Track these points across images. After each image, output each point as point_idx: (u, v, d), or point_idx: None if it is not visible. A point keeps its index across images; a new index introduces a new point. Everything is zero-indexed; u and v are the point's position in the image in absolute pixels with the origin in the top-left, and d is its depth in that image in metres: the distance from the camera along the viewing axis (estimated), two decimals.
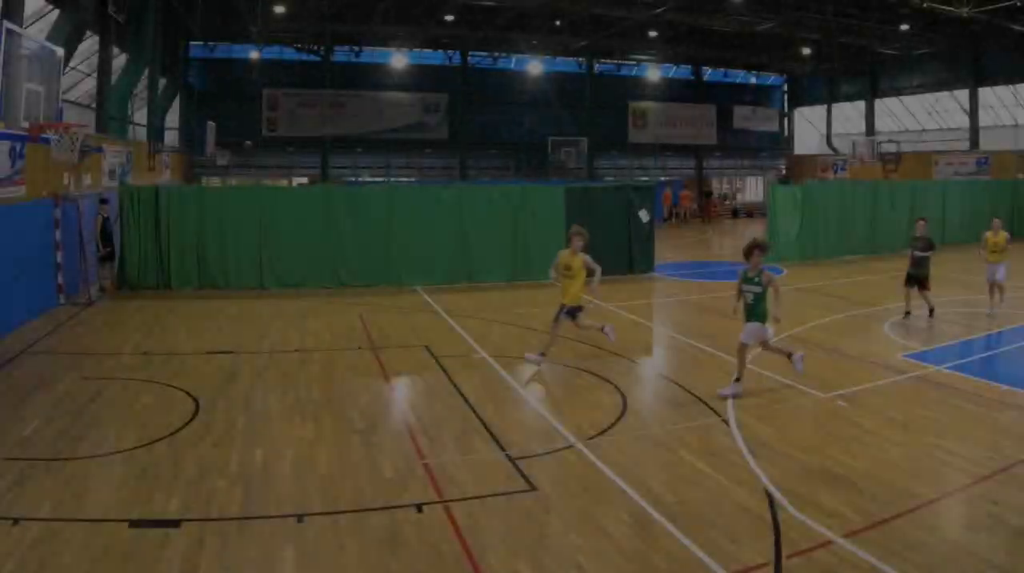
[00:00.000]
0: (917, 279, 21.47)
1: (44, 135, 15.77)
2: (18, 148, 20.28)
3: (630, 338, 19.69)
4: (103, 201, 26.27)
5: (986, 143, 53.32)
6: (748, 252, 14.68)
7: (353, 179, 58.14)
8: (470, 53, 60.51)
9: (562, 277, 16.68)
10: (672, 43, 57.02)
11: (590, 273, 16.48)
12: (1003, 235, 22.32)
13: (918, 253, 21.49)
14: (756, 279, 14.56)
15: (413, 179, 59.65)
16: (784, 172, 69.25)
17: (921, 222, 22.59)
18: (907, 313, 21.55)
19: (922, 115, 58.72)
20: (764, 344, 15.04)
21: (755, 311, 14.67)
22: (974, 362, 17.36)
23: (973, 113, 54.14)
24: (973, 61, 53.16)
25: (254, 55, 54.10)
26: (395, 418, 13.85)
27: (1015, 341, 19.30)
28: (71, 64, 31.47)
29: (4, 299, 19.57)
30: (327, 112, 56.56)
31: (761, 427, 13.08)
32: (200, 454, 11.77)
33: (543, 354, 16.77)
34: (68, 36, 27.51)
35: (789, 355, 14.90)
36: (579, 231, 16.73)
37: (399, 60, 57.80)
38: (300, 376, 16.30)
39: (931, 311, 21.54)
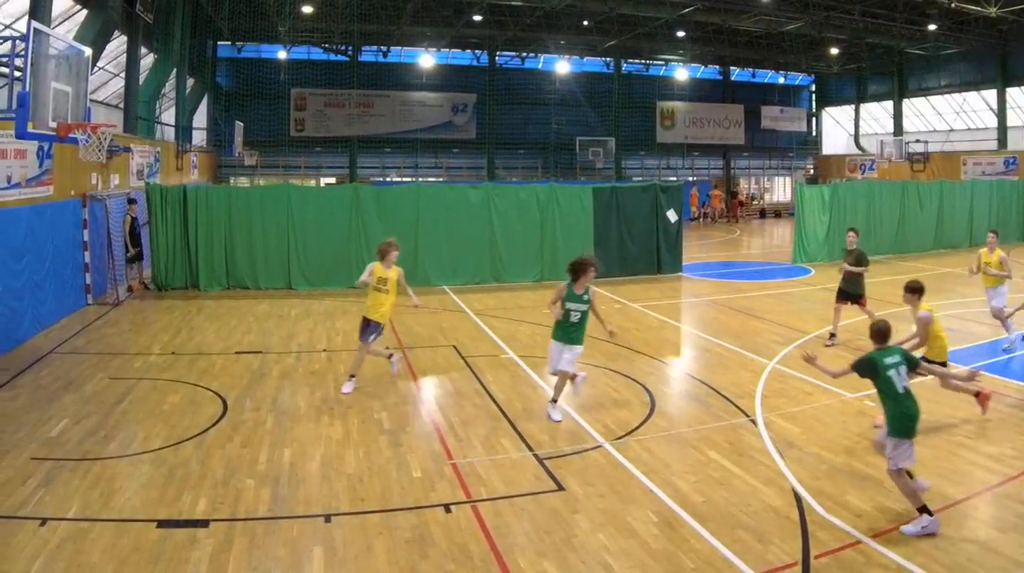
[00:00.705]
0: (850, 295, 19.54)
1: (72, 135, 15.73)
2: (46, 148, 20.37)
3: (658, 338, 19.63)
4: (131, 201, 26.35)
5: (1014, 143, 52.82)
6: (581, 270, 13.55)
7: (381, 179, 58.13)
8: (498, 53, 60.40)
9: (374, 290, 15.80)
10: (700, 43, 56.88)
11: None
12: (998, 254, 19.07)
13: (849, 269, 19.41)
14: (585, 297, 13.67)
15: (441, 179, 59.56)
16: (812, 172, 68.96)
17: (851, 234, 20.26)
18: (832, 335, 19.42)
19: (950, 115, 58.30)
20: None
21: (579, 332, 13.84)
22: (1001, 362, 17.25)
23: (1001, 113, 53.59)
24: (1001, 61, 52.60)
25: (282, 55, 54.44)
26: (423, 418, 13.83)
27: None
28: (99, 64, 31.61)
29: (32, 299, 19.65)
30: (355, 112, 56.59)
31: (789, 427, 13.12)
32: (228, 454, 11.82)
33: (353, 376, 15.70)
34: (96, 36, 27.56)
35: (573, 377, 14.17)
36: (395, 243, 16.06)
37: (427, 60, 57.81)
38: (328, 376, 16.31)
39: (831, 337, 19.45)
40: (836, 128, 70.21)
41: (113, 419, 13.41)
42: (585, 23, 52.66)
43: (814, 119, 71.52)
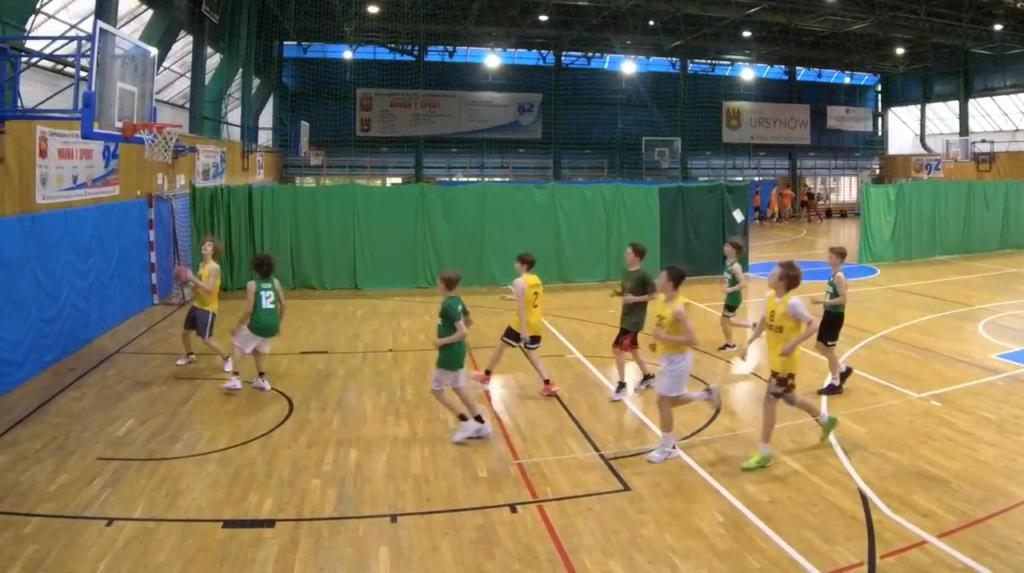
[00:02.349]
0: (623, 332, 15.12)
1: (137, 135, 15.79)
2: (112, 148, 20.50)
3: (723, 338, 19.33)
4: None
5: None
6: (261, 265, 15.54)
7: (447, 179, 58.29)
8: (564, 53, 60.40)
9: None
10: (766, 43, 56.56)
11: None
12: (677, 303, 11.69)
13: (629, 295, 14.95)
14: (265, 285, 15.25)
15: (507, 179, 59.71)
16: (877, 172, 68.32)
17: (631, 250, 15.39)
18: (646, 377, 15.42)
19: (1016, 115, 57.66)
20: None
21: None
22: None
23: None
24: None
25: (347, 55, 54.79)
26: (488, 418, 13.70)
27: None
28: (165, 64, 31.91)
29: (99, 299, 19.79)
30: (421, 112, 56.93)
31: (855, 427, 13.06)
32: (294, 454, 11.83)
33: (190, 355, 17.27)
34: (162, 36, 27.83)
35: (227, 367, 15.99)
36: (211, 239, 17.45)
37: (493, 60, 57.88)
38: (394, 376, 16.30)
39: (620, 387, 15.11)
40: (902, 128, 69.58)
41: (179, 419, 13.50)
42: (651, 23, 52.48)
43: (880, 119, 70.87)
